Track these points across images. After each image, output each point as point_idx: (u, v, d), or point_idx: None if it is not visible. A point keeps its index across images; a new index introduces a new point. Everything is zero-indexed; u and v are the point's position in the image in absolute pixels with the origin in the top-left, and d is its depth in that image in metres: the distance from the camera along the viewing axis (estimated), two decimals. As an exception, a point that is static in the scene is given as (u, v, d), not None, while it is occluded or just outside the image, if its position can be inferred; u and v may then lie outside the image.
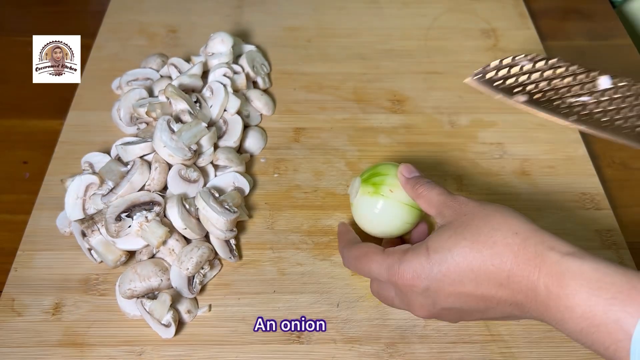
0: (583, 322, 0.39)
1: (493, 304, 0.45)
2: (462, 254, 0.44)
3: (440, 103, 0.76)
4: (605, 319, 0.38)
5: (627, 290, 0.38)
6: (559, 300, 0.40)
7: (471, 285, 0.45)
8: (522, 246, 0.43)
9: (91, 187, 0.60)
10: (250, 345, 0.54)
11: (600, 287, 0.39)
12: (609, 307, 0.38)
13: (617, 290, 0.38)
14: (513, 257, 0.43)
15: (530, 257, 0.42)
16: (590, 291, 0.39)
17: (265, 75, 0.77)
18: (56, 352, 0.53)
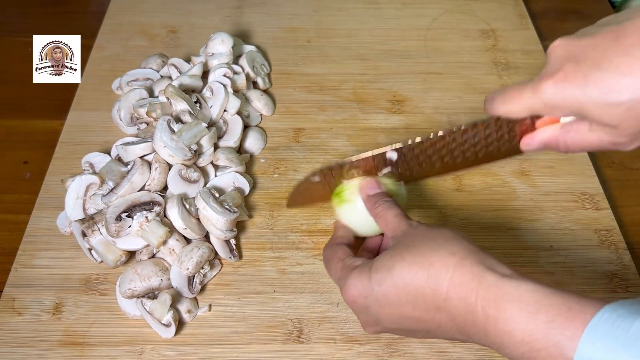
0: (524, 346, 0.37)
1: (433, 326, 0.43)
2: (400, 274, 0.43)
3: (440, 103, 0.76)
4: (545, 342, 0.36)
5: (565, 312, 0.36)
6: (497, 325, 0.39)
7: (409, 307, 0.43)
8: (459, 266, 0.41)
9: (91, 187, 0.60)
10: (250, 345, 0.54)
11: (539, 310, 0.37)
12: (549, 331, 0.36)
13: (556, 312, 0.36)
14: (449, 279, 0.41)
15: (467, 279, 0.40)
16: (529, 315, 0.37)
17: (265, 76, 0.77)
18: (56, 352, 0.53)
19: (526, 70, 0.80)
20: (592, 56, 0.40)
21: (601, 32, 0.41)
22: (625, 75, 0.39)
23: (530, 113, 0.46)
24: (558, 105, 0.43)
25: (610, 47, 0.40)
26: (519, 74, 0.80)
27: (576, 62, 0.41)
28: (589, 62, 0.41)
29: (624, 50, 0.39)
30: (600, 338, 0.34)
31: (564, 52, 0.43)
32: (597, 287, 0.58)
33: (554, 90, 0.43)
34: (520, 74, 0.80)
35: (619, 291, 0.58)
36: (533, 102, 0.45)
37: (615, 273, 0.60)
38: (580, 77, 0.41)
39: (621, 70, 0.39)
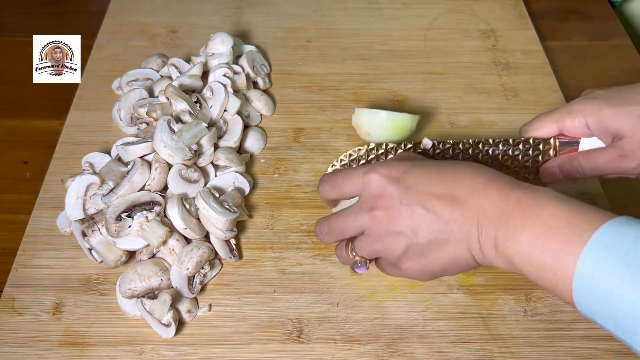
0: (543, 226, 0.41)
1: (458, 213, 0.45)
2: (441, 163, 0.50)
3: (440, 103, 0.76)
4: (566, 223, 0.40)
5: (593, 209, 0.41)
6: (527, 207, 0.42)
7: (445, 186, 0.46)
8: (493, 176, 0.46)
9: (91, 187, 0.60)
10: (250, 345, 0.54)
11: (571, 201, 0.41)
12: (573, 214, 0.40)
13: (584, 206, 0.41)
14: (487, 178, 0.46)
15: (504, 180, 0.46)
16: (561, 201, 0.42)
17: (265, 76, 0.77)
18: (56, 352, 0.53)
19: (526, 70, 0.80)
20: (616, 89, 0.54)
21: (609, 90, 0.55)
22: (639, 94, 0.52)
23: (560, 131, 0.56)
24: (585, 119, 0.54)
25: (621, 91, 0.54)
26: (519, 74, 0.80)
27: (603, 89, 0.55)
28: (613, 90, 0.54)
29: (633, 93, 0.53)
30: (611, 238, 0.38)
31: (592, 89, 0.56)
32: (597, 287, 0.58)
33: (582, 105, 0.54)
34: (520, 74, 0.80)
35: (619, 291, 0.58)
36: (565, 121, 0.55)
37: (615, 273, 0.60)
38: (606, 96, 0.53)
39: (635, 91, 0.52)
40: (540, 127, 0.57)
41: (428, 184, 0.47)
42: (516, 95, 0.77)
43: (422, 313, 0.56)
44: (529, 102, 0.76)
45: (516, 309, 0.57)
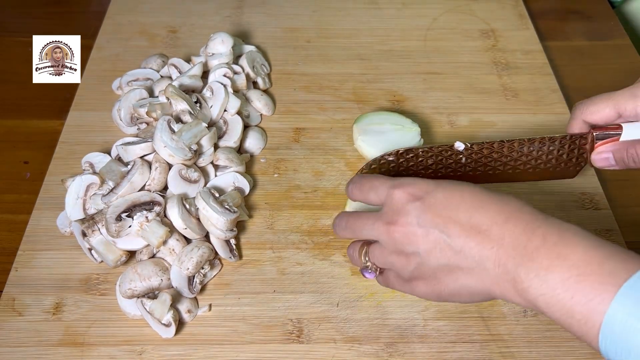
0: (573, 270, 0.39)
1: (476, 241, 0.43)
2: (466, 186, 0.47)
3: (440, 103, 0.76)
4: (598, 269, 0.38)
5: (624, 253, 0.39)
6: (554, 247, 0.40)
7: (466, 210, 0.45)
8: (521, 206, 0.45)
9: (92, 187, 0.61)
10: (250, 345, 0.54)
11: (601, 245, 0.39)
12: (605, 261, 0.38)
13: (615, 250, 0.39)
14: (514, 207, 0.44)
15: (530, 213, 0.44)
16: (590, 244, 0.40)
17: (265, 76, 0.77)
18: (57, 352, 0.53)
19: (526, 70, 0.80)
20: None
21: None
22: None
23: (614, 114, 0.52)
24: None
25: None
26: (519, 74, 0.80)
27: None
28: None
29: None
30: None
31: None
32: (597, 287, 0.58)
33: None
34: (520, 74, 0.80)
35: (619, 291, 0.58)
36: (627, 104, 0.50)
37: (615, 273, 0.60)
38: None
39: None
40: (599, 109, 0.52)
41: (449, 208, 0.45)
42: (516, 95, 0.77)
43: (422, 313, 0.56)
44: (529, 102, 0.76)
45: (516, 309, 0.57)
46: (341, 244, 0.61)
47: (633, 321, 0.36)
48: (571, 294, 0.38)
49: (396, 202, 0.48)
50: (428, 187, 0.47)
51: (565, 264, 0.39)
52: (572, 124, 0.55)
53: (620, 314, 0.36)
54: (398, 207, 0.47)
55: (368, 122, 0.68)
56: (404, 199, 0.47)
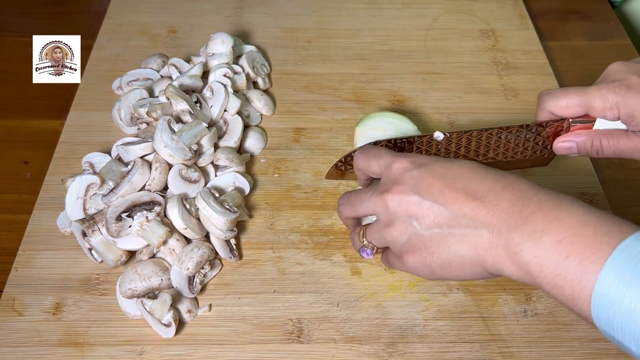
0: (568, 231, 0.39)
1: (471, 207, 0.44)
2: (462, 161, 0.48)
3: (440, 103, 0.76)
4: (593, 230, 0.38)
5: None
6: (550, 211, 0.40)
7: (462, 181, 0.45)
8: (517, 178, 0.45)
9: (92, 187, 0.60)
10: (250, 345, 0.54)
11: (595, 211, 0.40)
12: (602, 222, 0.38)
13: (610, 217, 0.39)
14: (510, 180, 0.44)
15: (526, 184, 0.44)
16: (586, 208, 0.40)
17: (265, 76, 0.77)
18: (57, 352, 0.53)
19: (526, 70, 0.80)
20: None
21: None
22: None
23: (583, 111, 0.53)
24: (616, 106, 0.50)
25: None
26: (519, 74, 0.80)
27: (638, 75, 0.50)
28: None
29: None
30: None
31: (625, 69, 0.51)
32: (597, 287, 0.58)
33: (616, 93, 0.50)
34: (520, 74, 0.80)
35: (619, 291, 0.58)
36: (594, 101, 0.51)
37: (615, 273, 0.60)
38: (638, 87, 0.49)
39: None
40: (569, 105, 0.53)
41: (446, 177, 0.46)
42: (516, 95, 0.77)
43: (422, 313, 0.56)
44: (529, 102, 0.76)
45: (516, 309, 0.57)
46: (341, 244, 0.61)
47: (627, 281, 0.35)
48: (565, 254, 0.38)
49: (394, 172, 0.48)
50: (427, 160, 0.48)
51: (560, 225, 0.39)
52: (540, 115, 0.56)
53: (614, 274, 0.36)
54: (395, 177, 0.48)
55: (371, 126, 0.67)
56: (401, 168, 0.48)
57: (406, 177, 0.47)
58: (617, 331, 0.36)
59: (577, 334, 0.55)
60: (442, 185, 0.45)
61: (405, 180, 0.47)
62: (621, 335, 0.36)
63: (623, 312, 0.35)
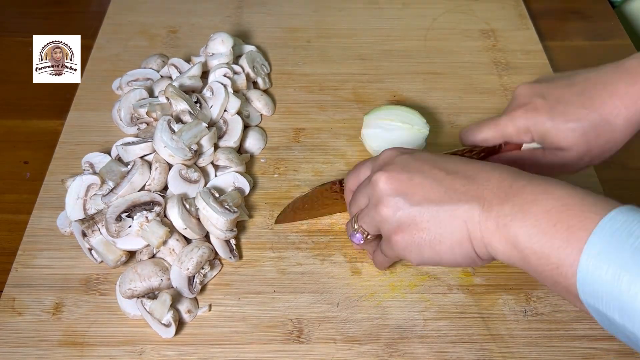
0: (556, 202, 0.40)
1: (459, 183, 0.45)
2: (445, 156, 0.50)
3: (440, 103, 0.76)
4: (582, 200, 0.39)
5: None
6: (539, 186, 0.41)
7: (453, 164, 0.47)
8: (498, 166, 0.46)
9: (92, 187, 0.60)
10: (250, 345, 0.54)
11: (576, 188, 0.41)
12: (584, 198, 0.39)
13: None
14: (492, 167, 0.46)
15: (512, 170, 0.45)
16: (569, 187, 0.41)
17: (265, 76, 0.77)
18: (57, 352, 0.53)
19: (526, 70, 0.80)
20: (555, 95, 0.53)
21: (555, 82, 0.54)
22: (583, 108, 0.51)
23: (503, 139, 0.56)
24: (528, 130, 0.54)
25: (566, 90, 0.53)
26: (519, 74, 0.80)
27: (543, 98, 0.53)
28: (552, 98, 0.53)
29: (577, 93, 0.52)
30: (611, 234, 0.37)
31: (531, 92, 0.54)
32: (597, 287, 0.58)
33: (525, 118, 0.54)
34: (520, 73, 0.80)
35: (619, 291, 0.58)
36: (507, 129, 0.55)
37: (615, 273, 0.60)
38: (547, 108, 0.52)
39: (579, 104, 0.51)
40: (486, 138, 0.57)
41: (435, 161, 0.47)
42: (516, 95, 0.77)
43: (422, 313, 0.56)
44: (529, 102, 0.76)
45: (516, 309, 0.57)
46: (341, 244, 0.61)
47: (613, 250, 0.36)
48: (553, 222, 0.39)
49: (383, 157, 0.50)
50: (415, 150, 0.51)
51: (549, 197, 0.40)
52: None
53: (601, 243, 0.36)
54: (384, 161, 0.50)
55: (381, 115, 0.68)
56: (391, 154, 0.50)
57: (396, 160, 0.49)
58: (602, 301, 0.36)
59: (577, 334, 0.55)
60: (431, 166, 0.47)
61: (395, 162, 0.49)
62: (605, 306, 0.36)
63: (607, 281, 0.35)
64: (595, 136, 0.51)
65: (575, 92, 0.52)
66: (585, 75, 0.53)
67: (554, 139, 0.53)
